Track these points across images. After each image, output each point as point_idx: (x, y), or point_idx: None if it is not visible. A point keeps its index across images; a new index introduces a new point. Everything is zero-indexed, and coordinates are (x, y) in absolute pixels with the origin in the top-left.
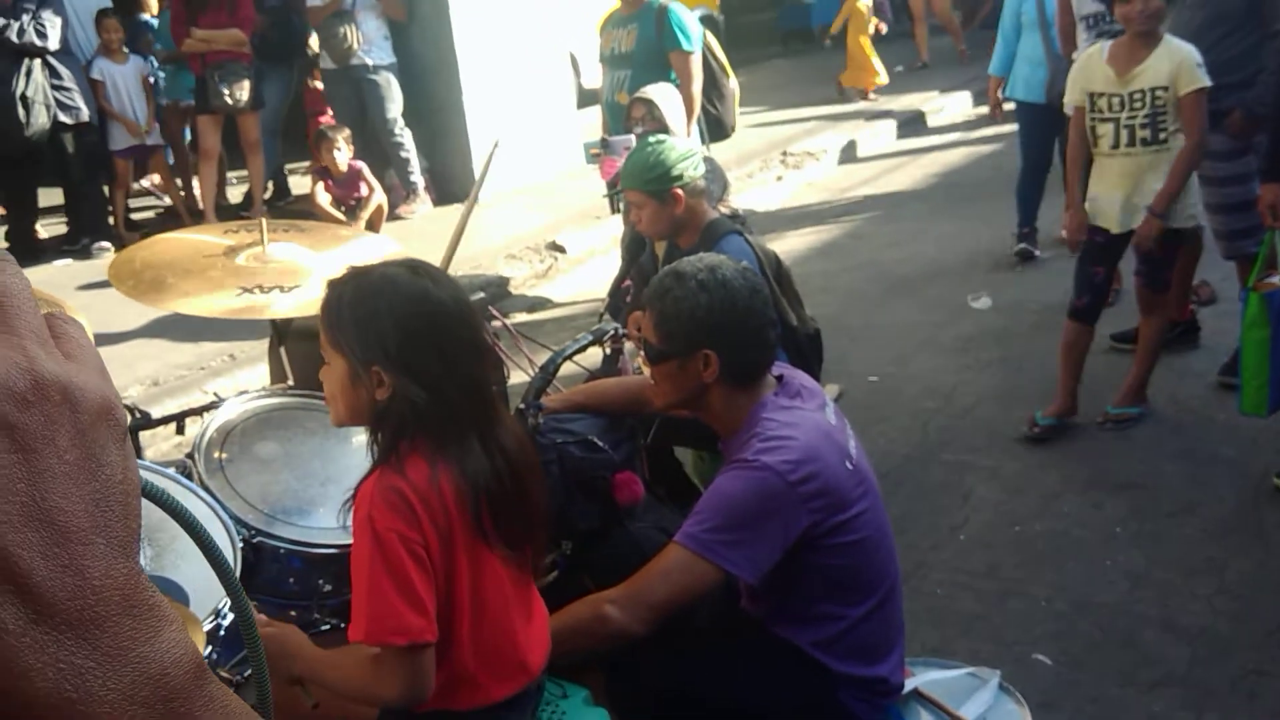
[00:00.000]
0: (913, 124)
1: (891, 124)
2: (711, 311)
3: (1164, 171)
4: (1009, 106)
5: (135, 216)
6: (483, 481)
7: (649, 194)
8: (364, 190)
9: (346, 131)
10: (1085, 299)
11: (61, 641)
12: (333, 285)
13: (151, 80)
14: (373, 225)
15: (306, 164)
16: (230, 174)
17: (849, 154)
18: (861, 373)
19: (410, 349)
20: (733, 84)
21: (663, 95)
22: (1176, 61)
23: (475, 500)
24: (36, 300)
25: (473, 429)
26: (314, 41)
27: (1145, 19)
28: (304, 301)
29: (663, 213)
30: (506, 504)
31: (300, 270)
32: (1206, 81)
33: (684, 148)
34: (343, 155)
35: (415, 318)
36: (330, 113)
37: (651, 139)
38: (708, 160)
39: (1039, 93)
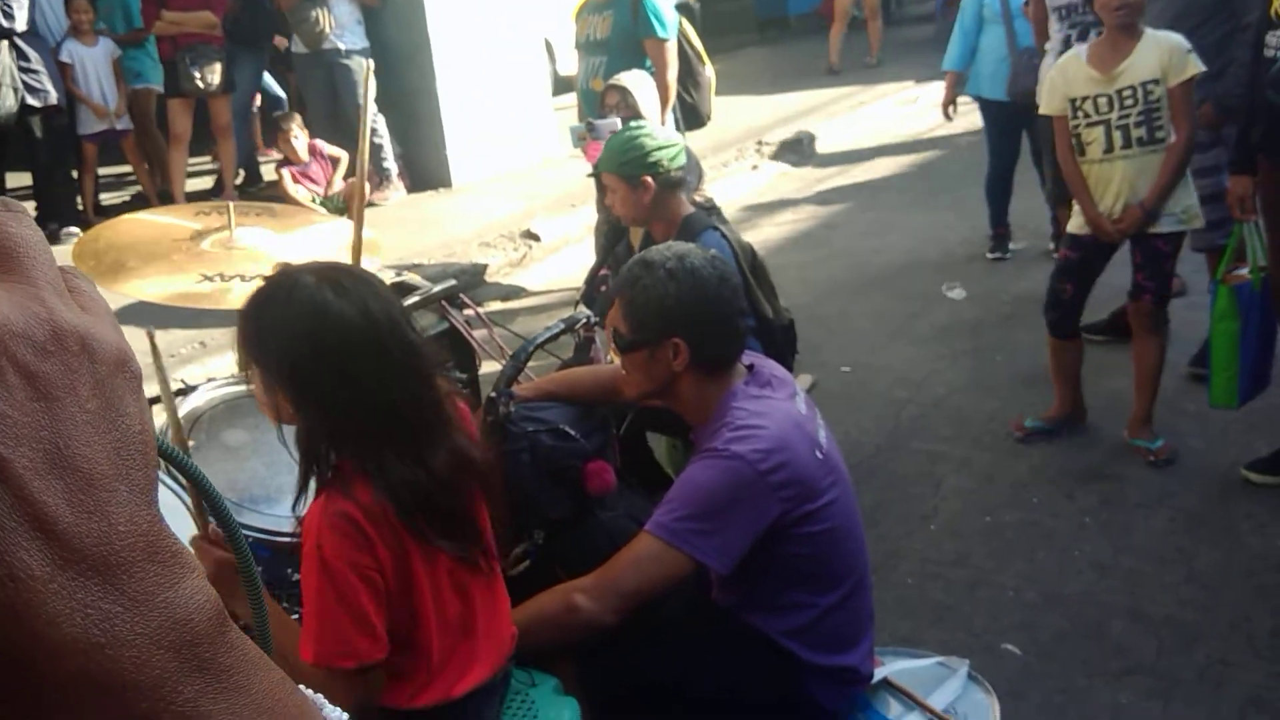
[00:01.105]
0: (888, 114)
1: (867, 113)
2: (680, 300)
3: None
4: (966, 104)
5: (105, 202)
6: (408, 497)
7: (621, 177)
8: (327, 168)
9: (298, 117)
10: (1052, 314)
11: (89, 587)
12: (253, 288)
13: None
14: (348, 207)
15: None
16: (201, 159)
17: (824, 144)
18: (835, 363)
19: (308, 374)
20: (709, 72)
21: (637, 82)
22: (1166, 50)
23: (408, 515)
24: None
25: (387, 446)
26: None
27: (1127, 11)
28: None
29: (632, 198)
30: (438, 516)
31: (263, 258)
32: (1201, 67)
33: (665, 137)
34: (300, 141)
35: (310, 339)
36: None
37: (634, 124)
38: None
39: (1003, 90)
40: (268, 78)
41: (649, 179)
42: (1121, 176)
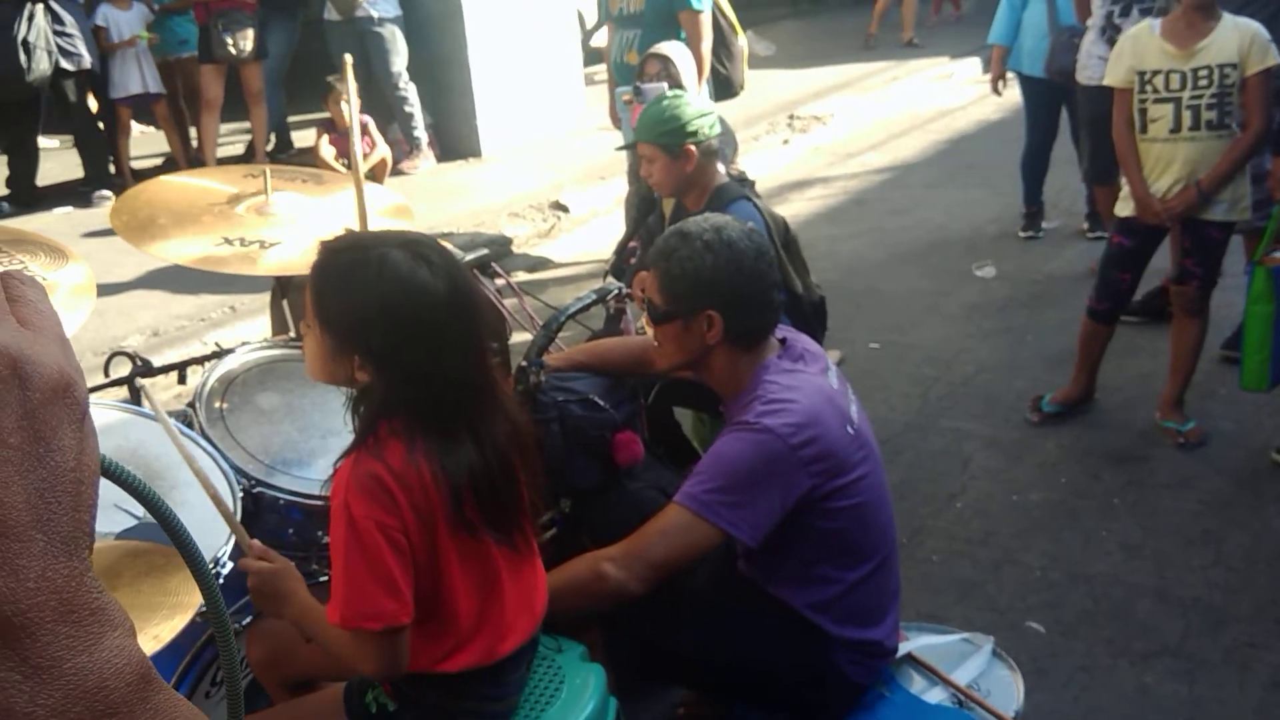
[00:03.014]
0: (921, 90)
1: (900, 88)
2: (716, 272)
3: None
4: (1014, 80)
5: (137, 167)
6: (467, 478)
7: (661, 147)
8: (366, 146)
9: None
10: (1106, 304)
11: None
12: (326, 251)
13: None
14: (375, 179)
15: (312, 116)
16: (233, 125)
17: (857, 119)
18: (863, 339)
19: (395, 346)
20: (741, 42)
21: (677, 53)
22: (1247, 36)
23: (457, 495)
24: None
25: (460, 423)
26: None
27: None
28: (284, 260)
29: (673, 168)
30: (494, 497)
31: (294, 224)
32: (1278, 59)
33: (701, 105)
34: (349, 108)
35: (404, 313)
36: None
37: (669, 94)
38: (719, 122)
39: (1042, 66)
40: None
41: (691, 148)
42: (1184, 158)
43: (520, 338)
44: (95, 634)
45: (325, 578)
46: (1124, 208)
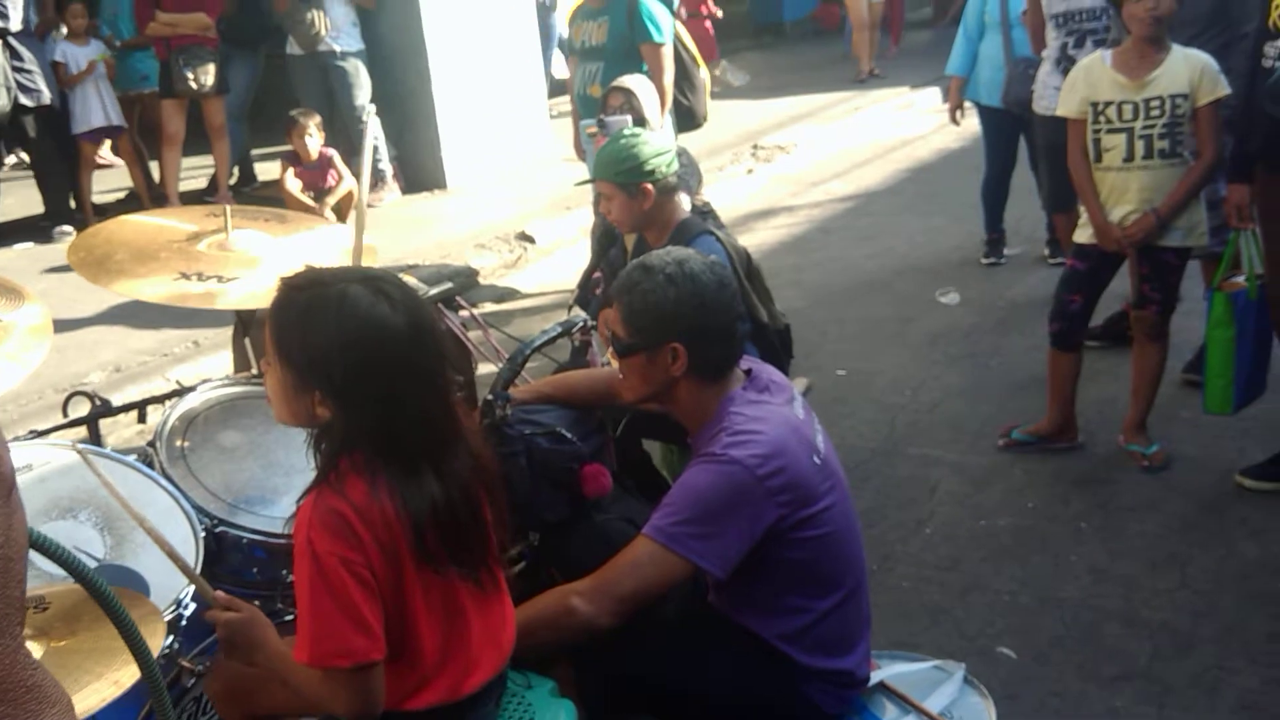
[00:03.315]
0: (882, 119)
1: (862, 118)
2: (679, 304)
3: None
4: (971, 109)
5: (98, 201)
6: (429, 513)
7: (619, 186)
8: (332, 179)
9: (318, 118)
10: (1058, 325)
11: None
12: (286, 287)
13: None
14: (341, 212)
15: (277, 149)
16: (195, 159)
17: (819, 149)
18: (830, 366)
19: (355, 381)
20: (703, 74)
21: (639, 86)
22: (1197, 68)
23: (419, 531)
24: None
25: (422, 458)
26: None
27: (1153, 21)
28: (244, 295)
29: (631, 206)
30: (457, 532)
31: (252, 261)
32: (1228, 89)
33: (659, 144)
34: (314, 141)
35: (364, 348)
36: None
37: (627, 132)
38: (682, 153)
39: (999, 96)
40: None
41: (648, 186)
42: (1139, 187)
43: (486, 370)
44: (33, 710)
45: (291, 617)
46: (1083, 234)
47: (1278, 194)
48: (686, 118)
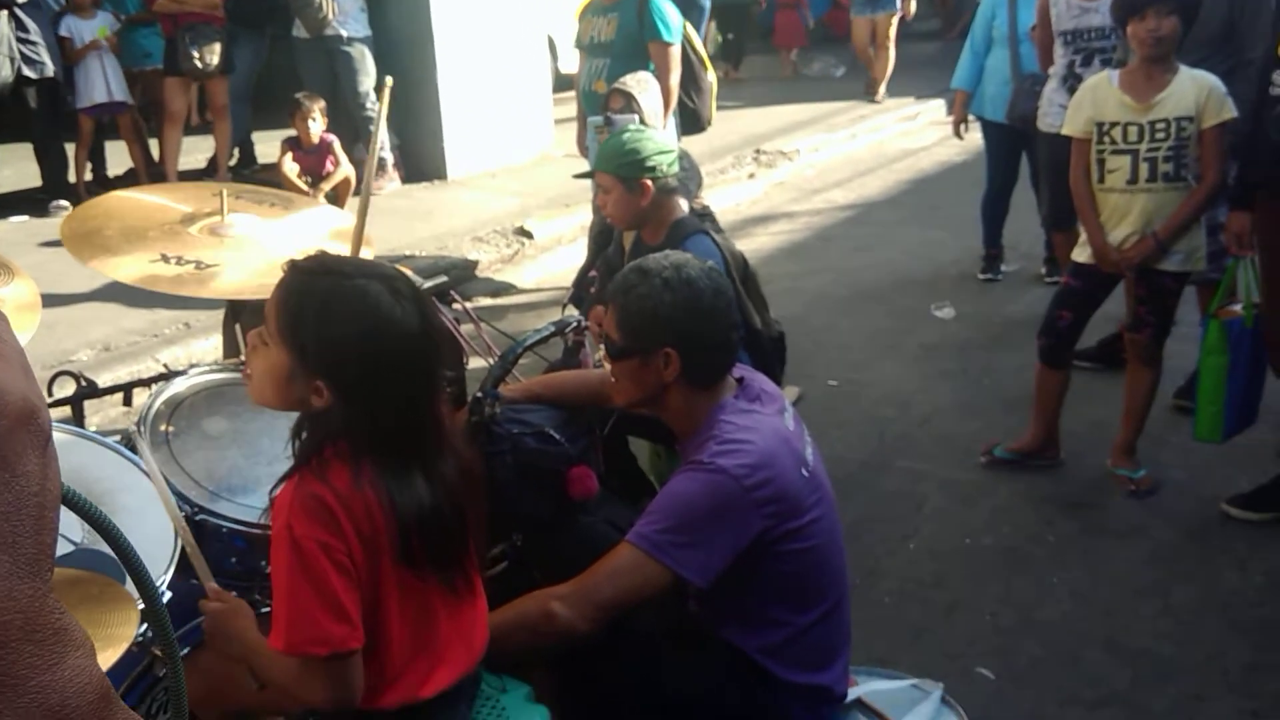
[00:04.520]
0: (887, 130)
1: (866, 127)
2: (675, 310)
3: None
4: (975, 124)
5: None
6: (416, 516)
7: (619, 179)
8: (330, 166)
9: (322, 103)
10: (1044, 340)
11: None
12: (300, 274)
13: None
14: (339, 199)
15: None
16: (196, 138)
17: (822, 156)
18: (822, 376)
19: (369, 378)
20: (710, 77)
21: (641, 86)
22: (1204, 90)
23: (405, 533)
24: None
25: (415, 460)
26: None
27: (1155, 42)
28: (235, 282)
29: (629, 200)
30: (442, 537)
31: (247, 247)
32: (1234, 112)
33: (663, 142)
34: (316, 125)
35: (382, 349)
36: None
37: (633, 127)
38: (684, 155)
39: (1003, 112)
40: None
41: (648, 182)
42: (1141, 209)
43: (477, 365)
44: (58, 653)
45: (268, 609)
46: (1081, 254)
47: (1278, 223)
48: (691, 120)
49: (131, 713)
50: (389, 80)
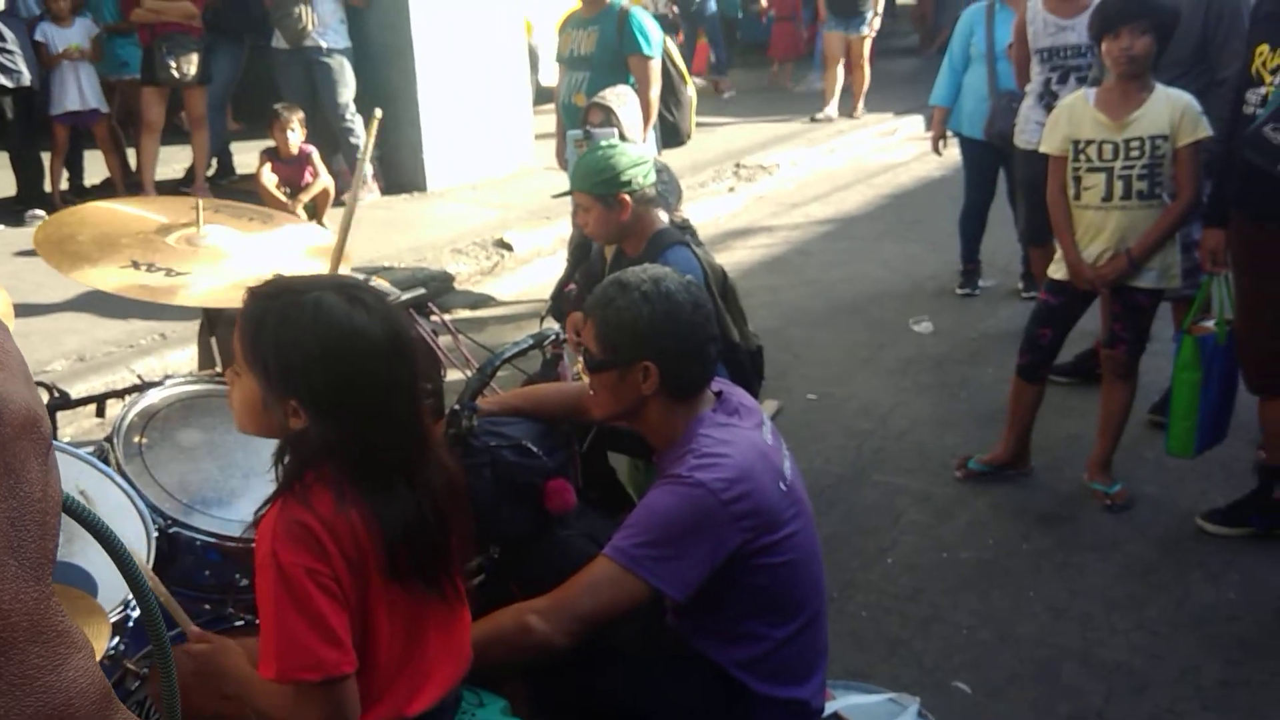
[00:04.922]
0: (865, 145)
1: (845, 142)
2: (653, 323)
3: None
4: (954, 140)
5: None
6: (402, 528)
7: (596, 197)
8: (309, 177)
9: (300, 113)
10: (1027, 357)
11: None
12: (257, 298)
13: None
14: (317, 210)
15: (256, 143)
16: (173, 148)
17: (801, 171)
18: (800, 390)
19: (334, 391)
20: (690, 91)
21: (620, 100)
22: (1179, 109)
23: (392, 548)
24: None
25: (398, 472)
26: None
27: (1128, 60)
28: (209, 292)
29: (608, 217)
30: (429, 547)
31: (222, 258)
32: (1209, 131)
33: (636, 155)
34: (294, 136)
35: (344, 358)
36: None
37: (605, 143)
38: (663, 168)
39: (981, 128)
40: None
41: (625, 197)
42: (1115, 226)
43: (455, 378)
44: (62, 654)
45: (241, 622)
46: (1057, 270)
47: (1252, 241)
48: (671, 134)
49: (130, 713)
50: (378, 112)
